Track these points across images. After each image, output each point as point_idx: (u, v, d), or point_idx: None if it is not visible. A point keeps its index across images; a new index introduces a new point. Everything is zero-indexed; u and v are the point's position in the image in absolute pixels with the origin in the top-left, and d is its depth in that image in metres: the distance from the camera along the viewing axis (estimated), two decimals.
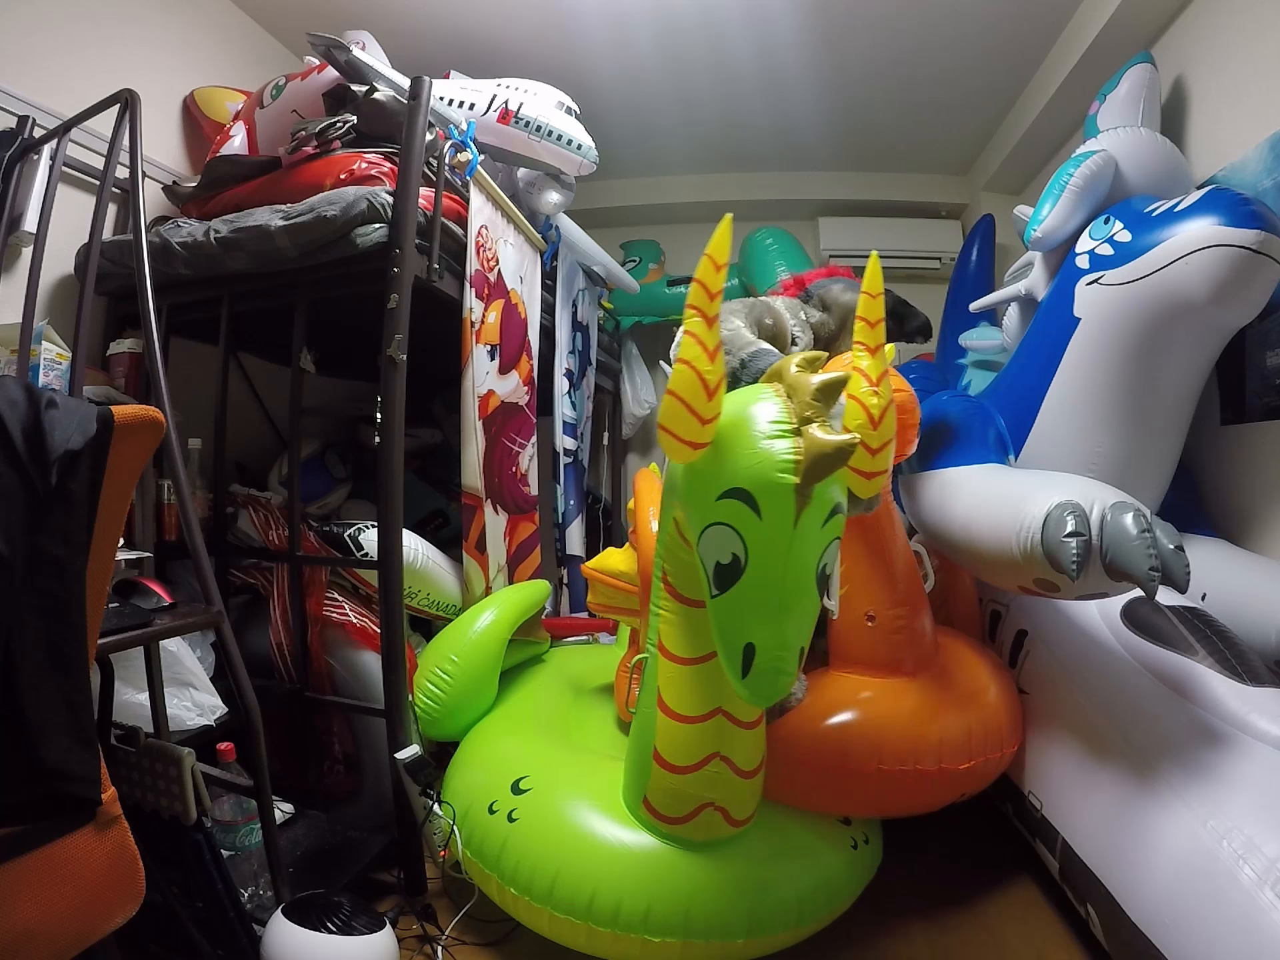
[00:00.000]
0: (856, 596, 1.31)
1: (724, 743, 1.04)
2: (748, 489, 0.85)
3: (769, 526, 0.85)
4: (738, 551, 0.86)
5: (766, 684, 0.86)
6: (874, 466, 0.95)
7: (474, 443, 1.67)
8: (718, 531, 0.88)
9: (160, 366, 1.15)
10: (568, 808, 1.16)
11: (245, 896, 1.12)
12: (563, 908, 1.06)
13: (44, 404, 0.67)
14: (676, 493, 0.98)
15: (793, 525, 0.84)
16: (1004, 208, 2.52)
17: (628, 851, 1.08)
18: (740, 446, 0.87)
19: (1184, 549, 1.07)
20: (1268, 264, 1.27)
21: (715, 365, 0.85)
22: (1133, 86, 1.74)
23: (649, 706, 1.09)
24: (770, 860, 1.12)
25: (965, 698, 1.27)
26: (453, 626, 1.62)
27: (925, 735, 1.18)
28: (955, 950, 1.19)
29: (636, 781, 1.11)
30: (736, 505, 0.86)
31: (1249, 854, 0.86)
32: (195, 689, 1.21)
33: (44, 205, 1.32)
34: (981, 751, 1.21)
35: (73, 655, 0.67)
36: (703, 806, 1.06)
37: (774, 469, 0.84)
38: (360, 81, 1.62)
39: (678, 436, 0.87)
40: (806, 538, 0.85)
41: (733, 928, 1.04)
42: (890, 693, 1.25)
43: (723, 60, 2.37)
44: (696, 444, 0.87)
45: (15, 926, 0.63)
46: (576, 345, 2.35)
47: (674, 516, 1.01)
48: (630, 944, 1.05)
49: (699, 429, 0.86)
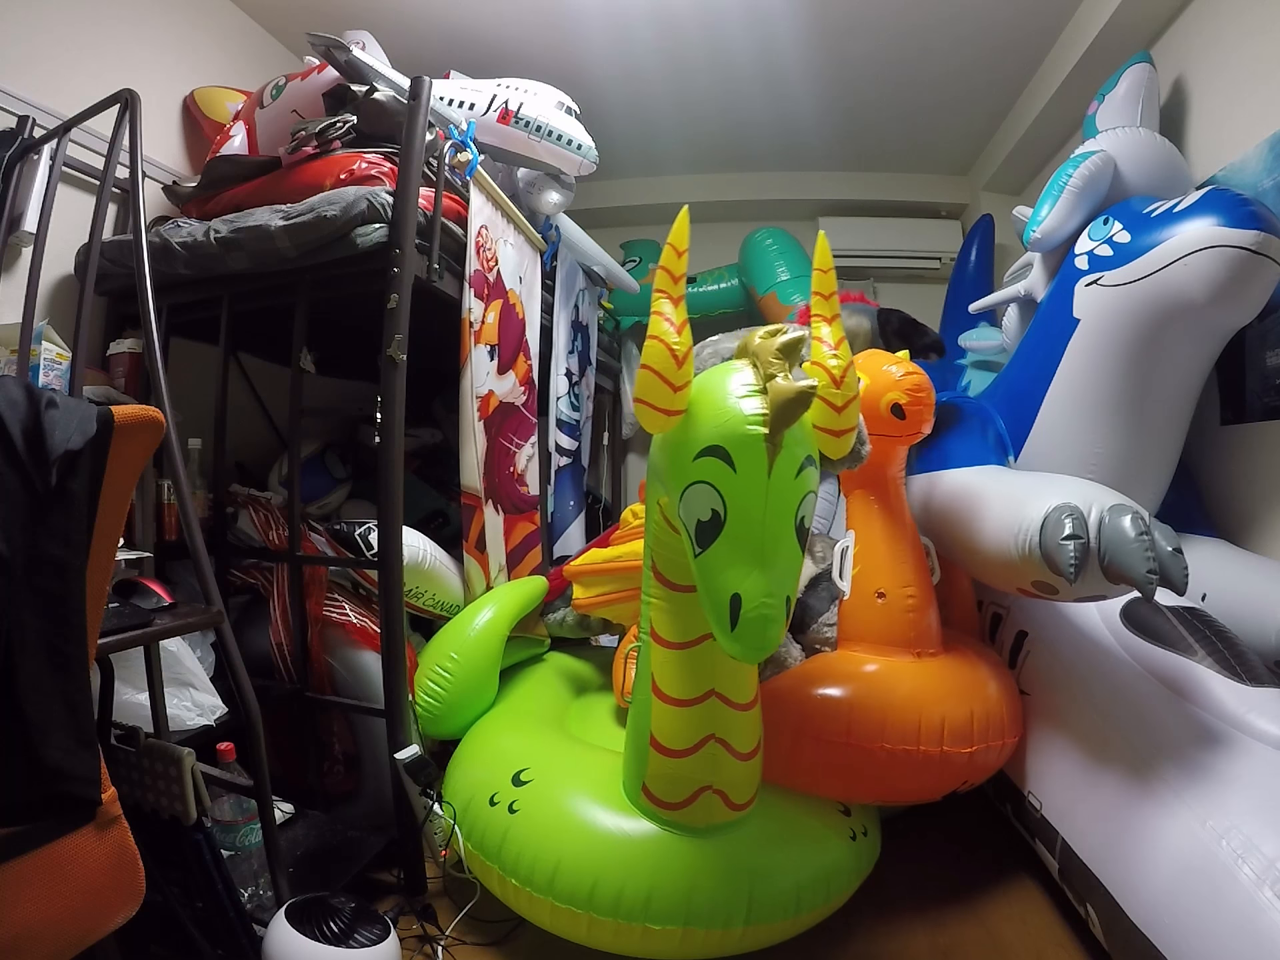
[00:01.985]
0: (868, 575, 1.34)
1: (719, 725, 1.06)
2: (722, 444, 0.90)
3: (744, 478, 0.90)
4: (716, 507, 0.91)
5: (755, 633, 0.88)
6: (841, 424, 0.99)
7: (473, 443, 1.67)
8: (696, 490, 0.92)
9: (160, 366, 1.15)
10: (568, 798, 1.16)
11: (245, 896, 1.12)
12: (564, 898, 1.07)
13: (44, 404, 0.67)
14: (657, 470, 1.04)
15: (766, 475, 0.89)
16: (1003, 208, 2.53)
17: (628, 839, 1.09)
18: (713, 408, 0.93)
19: (1182, 551, 1.07)
20: (1267, 264, 1.27)
21: (682, 337, 0.94)
22: (1131, 86, 1.74)
23: (644, 693, 1.11)
24: (771, 846, 1.13)
25: (967, 687, 1.28)
26: (452, 624, 1.63)
27: (929, 716, 1.20)
28: (955, 949, 1.19)
29: (635, 768, 1.13)
30: (712, 462, 0.91)
31: (1248, 853, 0.86)
32: (195, 689, 1.21)
33: (44, 205, 1.32)
34: (983, 738, 1.22)
35: (73, 655, 0.67)
36: (701, 790, 1.07)
37: (745, 423, 0.90)
38: (360, 81, 1.62)
39: (653, 405, 0.94)
40: (781, 486, 0.90)
41: (733, 915, 1.05)
42: (896, 671, 1.28)
43: (723, 60, 2.37)
44: (671, 411, 0.94)
45: (15, 926, 0.63)
46: (576, 345, 2.35)
47: (658, 502, 1.05)
48: (631, 934, 1.05)
49: (672, 396, 0.93)
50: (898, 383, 1.34)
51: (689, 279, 3.14)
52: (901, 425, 1.34)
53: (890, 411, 1.33)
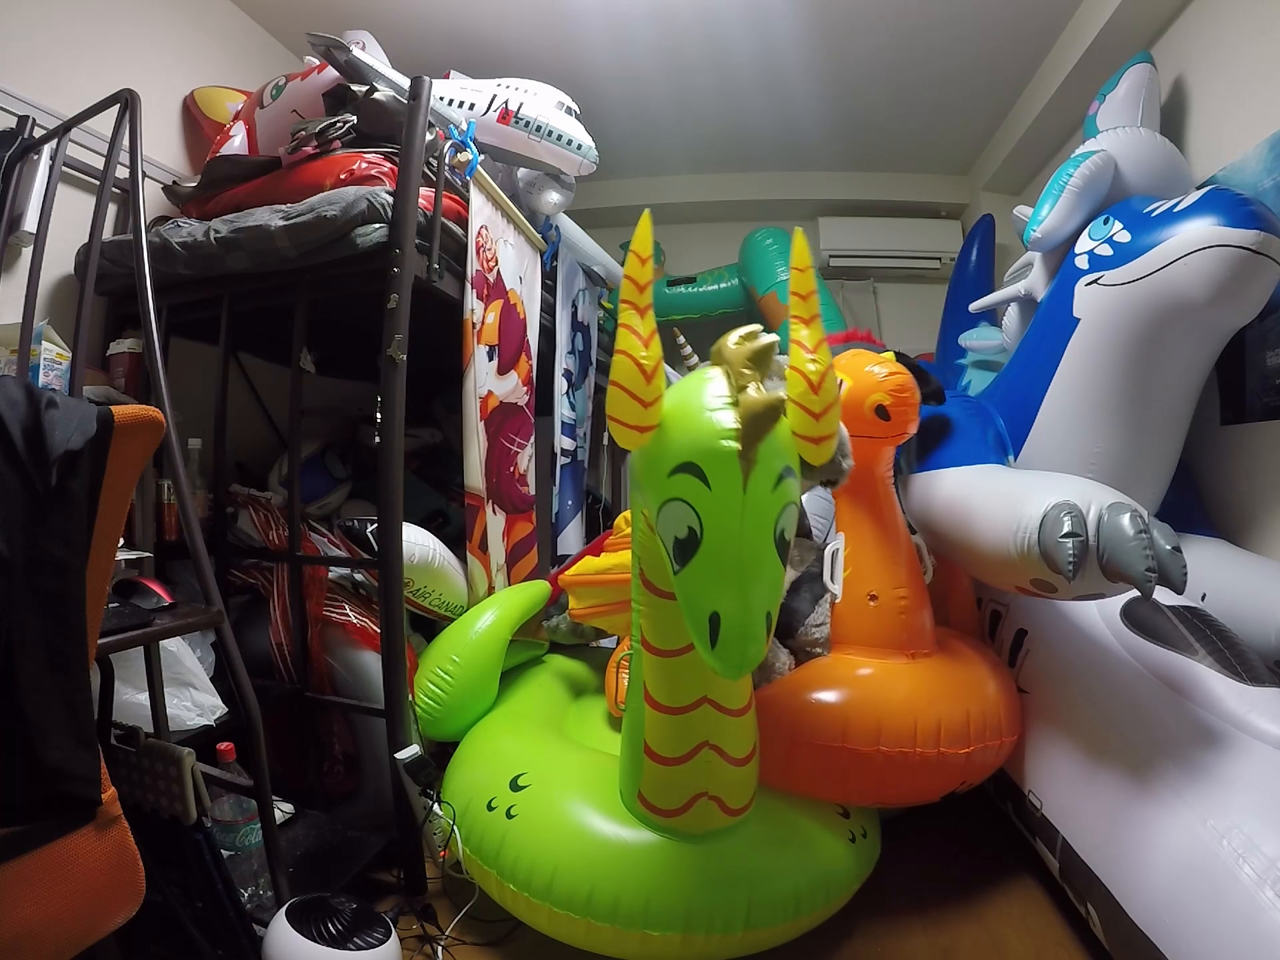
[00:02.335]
0: (859, 578, 1.33)
1: (712, 731, 1.06)
2: (695, 461, 0.89)
3: (719, 495, 0.88)
4: (693, 524, 0.89)
5: (735, 652, 0.87)
6: (820, 431, 0.96)
7: (476, 444, 1.67)
8: (672, 508, 0.91)
9: (160, 366, 1.15)
10: (566, 804, 1.16)
11: (245, 896, 1.12)
12: (562, 903, 1.07)
13: (44, 404, 0.67)
14: (637, 481, 1.02)
15: (742, 491, 0.87)
16: (1004, 208, 2.52)
17: (625, 846, 1.09)
18: (685, 423, 0.91)
19: (1180, 550, 1.07)
20: (1267, 264, 1.27)
21: (650, 350, 0.91)
22: (1132, 86, 1.74)
23: (637, 701, 1.11)
24: (769, 850, 1.13)
25: (963, 687, 1.28)
26: (454, 626, 1.63)
27: (925, 718, 1.20)
28: (955, 949, 1.19)
29: (631, 776, 1.13)
30: (686, 479, 0.89)
31: (1248, 853, 0.86)
32: (195, 689, 1.21)
33: (44, 205, 1.32)
34: (980, 738, 1.22)
35: (73, 655, 0.67)
36: (697, 797, 1.07)
37: (716, 438, 0.88)
38: (360, 81, 1.62)
39: (624, 423, 0.92)
40: (758, 502, 0.88)
41: (732, 919, 1.04)
42: (891, 673, 1.27)
43: (723, 60, 2.37)
44: (642, 427, 0.92)
45: (15, 926, 0.63)
46: (576, 345, 2.35)
47: (643, 512, 1.04)
48: (630, 940, 1.05)
49: (642, 412, 0.91)
50: (881, 384, 1.33)
51: (689, 279, 3.19)
52: (886, 426, 1.34)
53: (874, 413, 1.32)
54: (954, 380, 2.39)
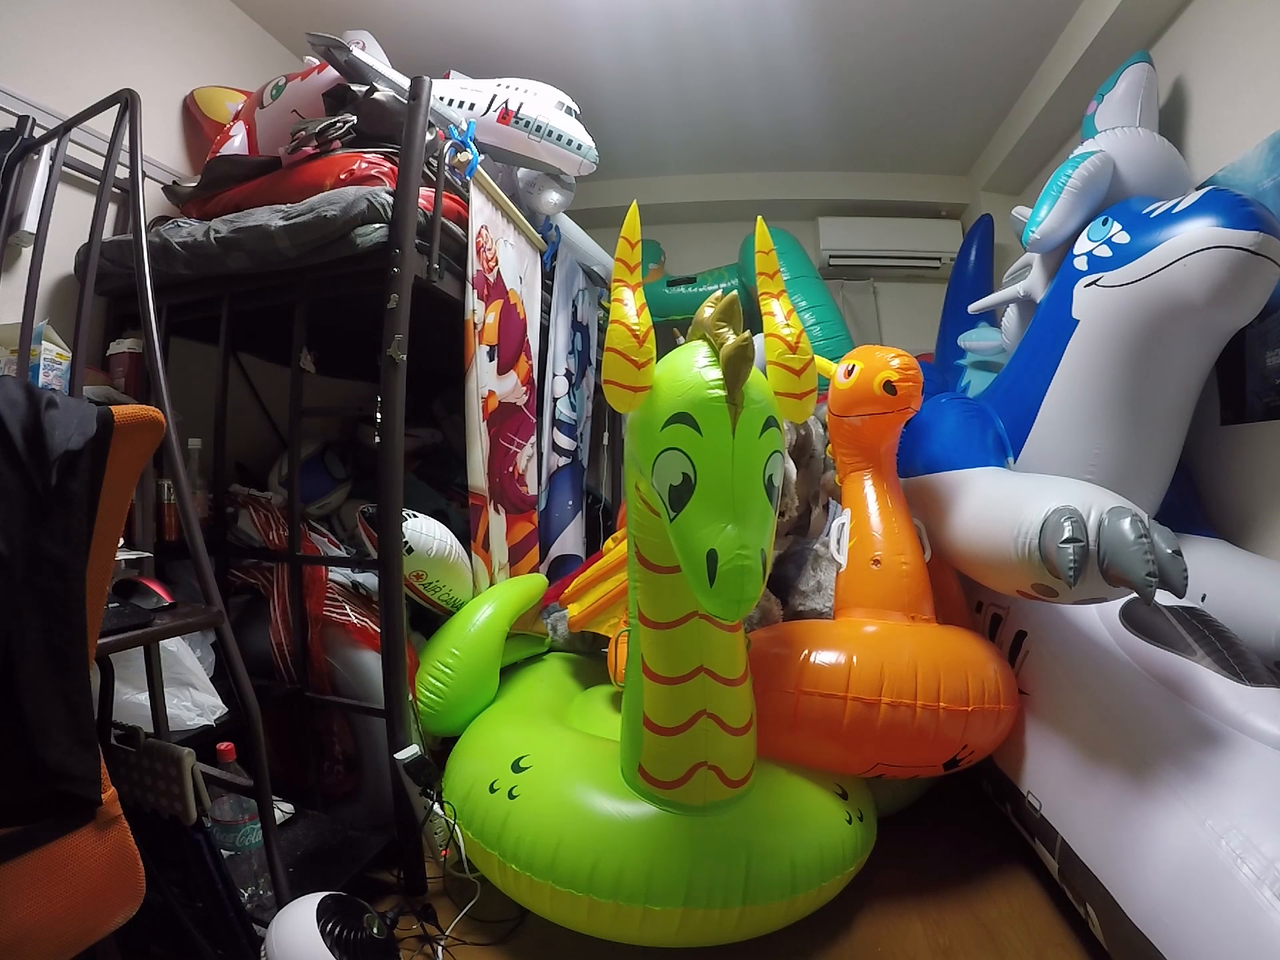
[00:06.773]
0: (863, 546, 1.45)
1: (710, 700, 1.10)
2: (686, 410, 0.96)
3: (710, 440, 0.95)
4: (686, 470, 0.95)
5: (734, 586, 0.90)
6: (800, 387, 1.06)
7: (479, 444, 1.67)
8: (667, 458, 0.97)
9: (160, 366, 1.15)
10: (568, 782, 1.18)
11: (245, 896, 1.12)
12: (564, 881, 1.08)
13: (44, 404, 0.67)
14: (631, 452, 1.08)
15: (731, 435, 0.95)
16: (1003, 208, 2.53)
17: (627, 820, 1.11)
18: (675, 382, 1.00)
19: (1181, 553, 1.07)
20: (1266, 265, 1.27)
21: (641, 319, 1.02)
22: (1130, 86, 1.74)
23: (635, 674, 1.15)
24: (768, 824, 1.14)
25: (962, 650, 1.33)
26: (453, 621, 1.63)
27: (926, 671, 1.23)
28: (955, 949, 1.19)
29: (631, 750, 1.15)
30: (679, 429, 0.96)
31: (1247, 853, 0.86)
32: (195, 689, 1.21)
33: (44, 205, 1.32)
34: (979, 700, 1.25)
35: (73, 655, 0.67)
36: (696, 766, 1.10)
37: (705, 388, 0.96)
38: (360, 81, 1.62)
39: (620, 384, 1.01)
40: (747, 445, 0.96)
41: (731, 892, 1.06)
42: (894, 630, 1.35)
43: (723, 60, 2.37)
44: (637, 387, 1.01)
45: (15, 926, 0.63)
46: (576, 345, 2.35)
47: (635, 486, 1.09)
48: (631, 917, 1.06)
49: (636, 373, 1.00)
50: (889, 364, 1.49)
51: (689, 279, 3.19)
52: (893, 401, 1.48)
53: (883, 389, 1.47)
54: (953, 381, 2.39)
